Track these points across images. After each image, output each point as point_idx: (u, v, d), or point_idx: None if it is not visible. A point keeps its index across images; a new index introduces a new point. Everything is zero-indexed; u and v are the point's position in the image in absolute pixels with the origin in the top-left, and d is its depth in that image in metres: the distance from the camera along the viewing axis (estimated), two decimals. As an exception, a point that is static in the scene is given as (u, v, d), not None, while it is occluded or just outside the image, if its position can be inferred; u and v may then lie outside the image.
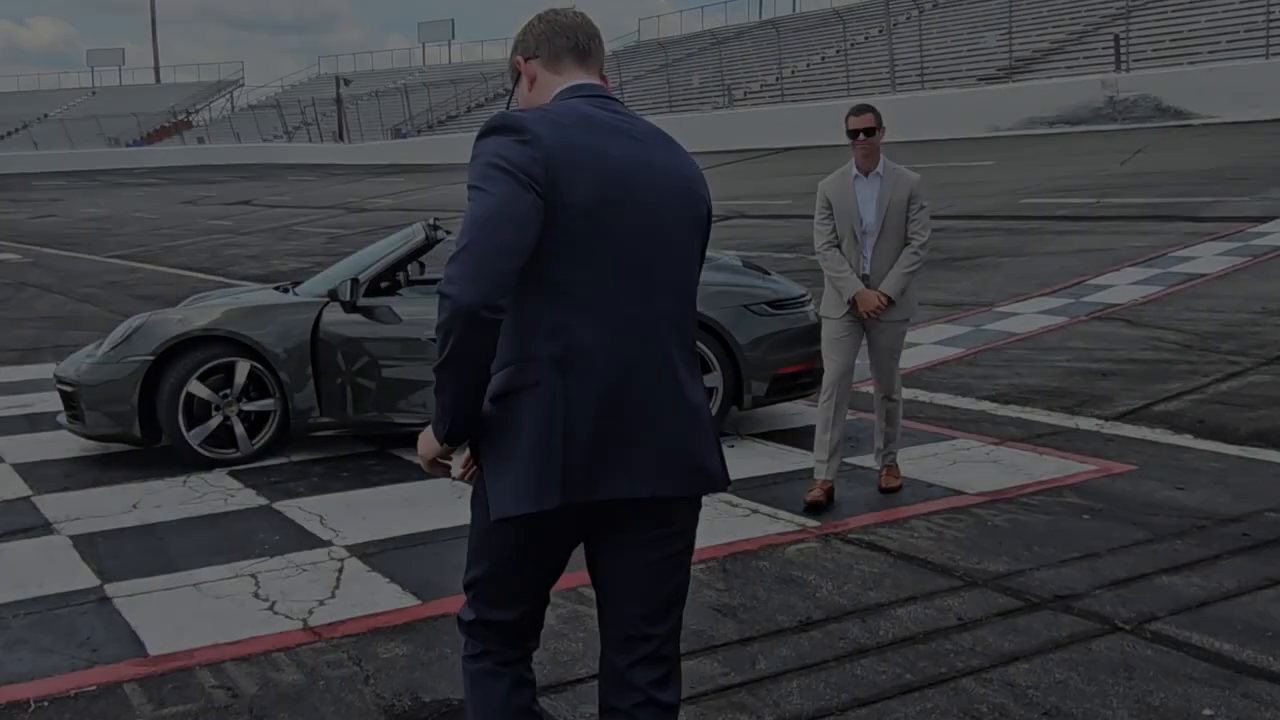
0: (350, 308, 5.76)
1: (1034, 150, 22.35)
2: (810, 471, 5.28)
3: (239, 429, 5.78)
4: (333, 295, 5.80)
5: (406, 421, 5.78)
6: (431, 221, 6.28)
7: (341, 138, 55.16)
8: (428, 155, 45.77)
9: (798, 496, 5.12)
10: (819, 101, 32.98)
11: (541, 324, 1.90)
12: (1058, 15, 32.32)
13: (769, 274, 6.60)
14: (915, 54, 31.53)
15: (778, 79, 37.59)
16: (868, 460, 5.60)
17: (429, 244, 6.13)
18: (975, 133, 25.96)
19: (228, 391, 5.75)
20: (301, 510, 5.03)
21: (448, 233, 6.53)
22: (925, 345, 8.59)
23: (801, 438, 6.26)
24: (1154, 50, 26.43)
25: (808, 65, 39.06)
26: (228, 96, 71.69)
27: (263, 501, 5.19)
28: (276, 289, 6.55)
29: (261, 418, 5.85)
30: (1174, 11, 28.75)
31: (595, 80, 2.06)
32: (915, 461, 5.69)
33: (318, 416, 5.84)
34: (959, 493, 5.18)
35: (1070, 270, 10.95)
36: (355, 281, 5.76)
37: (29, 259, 19.94)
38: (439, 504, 5.09)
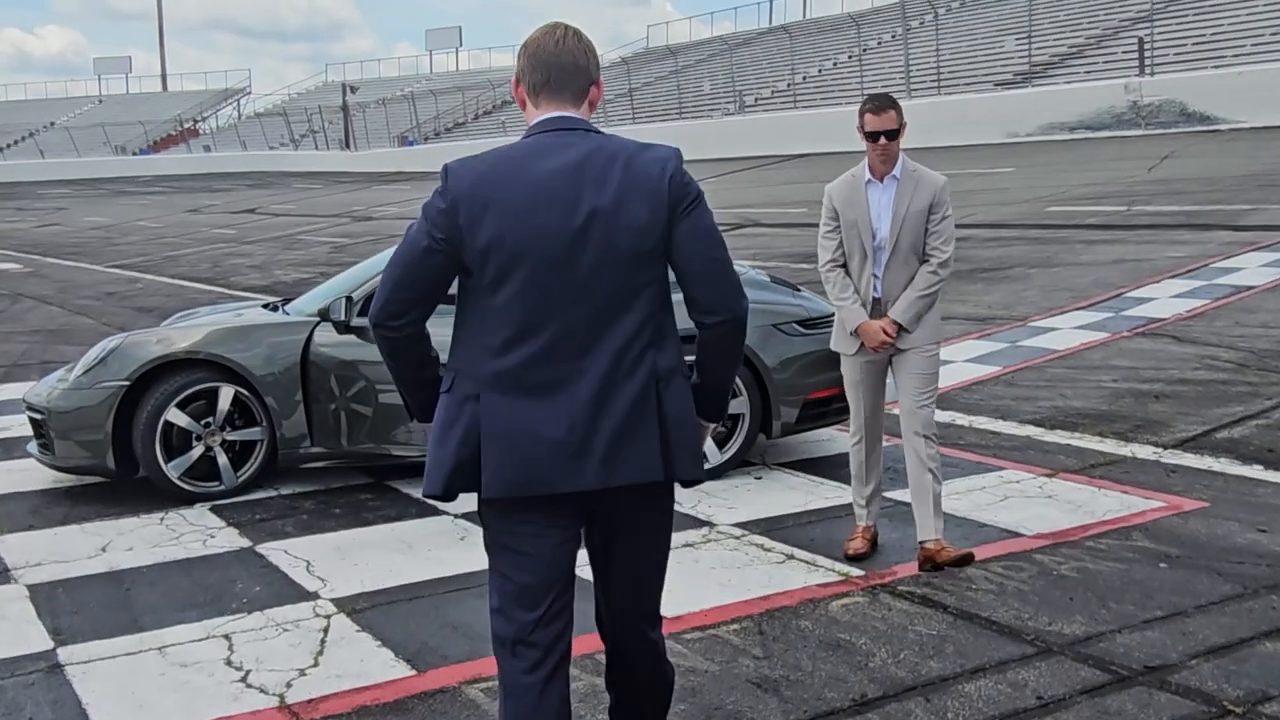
0: (344, 328, 5.26)
1: (1055, 156, 21.80)
2: (849, 508, 4.78)
3: (222, 460, 5.29)
4: (324, 315, 5.30)
5: (405, 454, 5.28)
6: (433, 233, 5.79)
7: (348, 145, 54.82)
8: (434, 163, 45.21)
9: (836, 538, 4.61)
10: (832, 107, 32.50)
11: (466, 342, 2.23)
12: (1076, 19, 31.77)
13: (798, 290, 6.10)
14: (931, 58, 31.02)
15: (789, 85, 37.11)
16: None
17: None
18: (994, 139, 25.42)
19: (210, 420, 5.26)
20: (287, 555, 4.54)
21: (451, 245, 6.06)
22: (959, 363, 8.08)
23: (836, 467, 5.75)
24: (1176, 54, 25.88)
25: (819, 71, 38.58)
26: (234, 104, 71.51)
27: (245, 543, 4.70)
28: (265, 307, 6.06)
29: (247, 448, 5.36)
30: (1196, 15, 28.19)
31: (565, 110, 2.25)
32: (962, 496, 5.18)
33: (309, 446, 5.34)
34: (1015, 534, 4.66)
35: (1106, 282, 10.43)
36: (349, 300, 5.26)
37: (29, 269, 19.56)
38: (438, 548, 4.60)
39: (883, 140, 4.10)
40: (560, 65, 2.25)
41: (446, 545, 4.63)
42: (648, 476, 2.21)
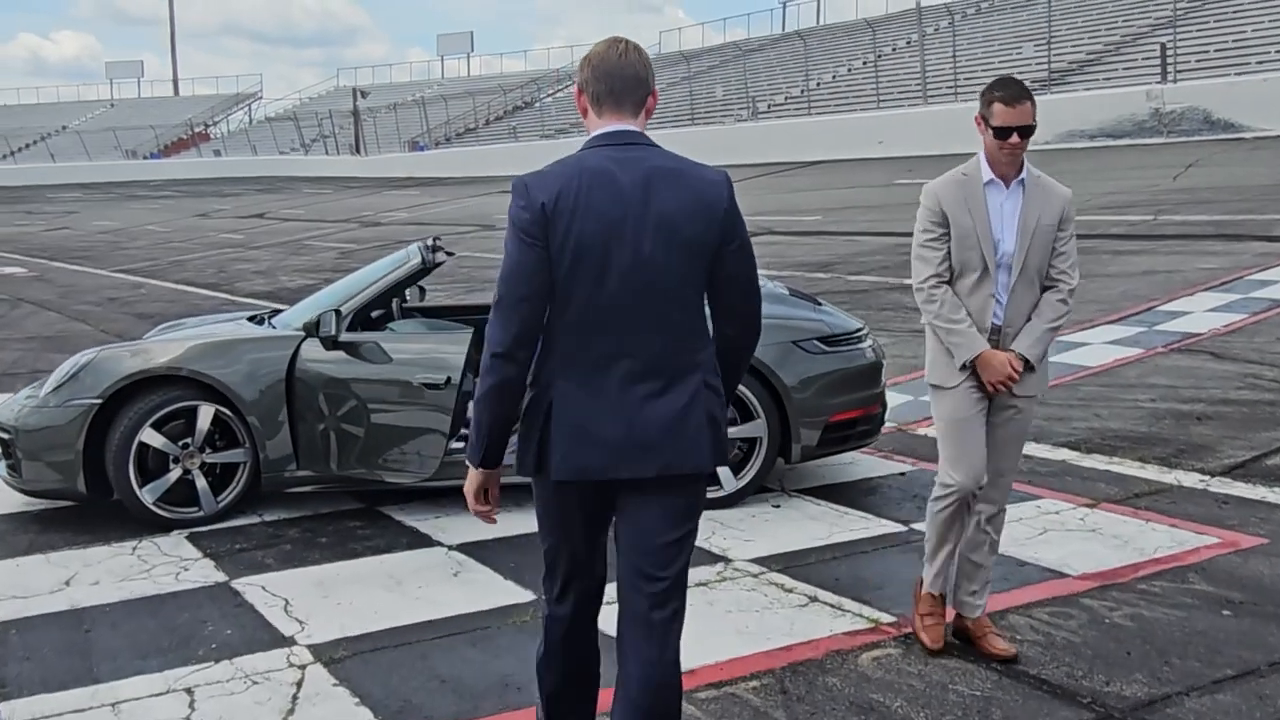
0: (332, 344, 4.89)
1: (1075, 164, 21.33)
2: (876, 542, 4.40)
3: (201, 484, 4.93)
4: (309, 330, 4.92)
5: (399, 480, 4.90)
6: (430, 242, 5.42)
7: (358, 150, 54.62)
8: (444, 168, 45.15)
9: (863, 577, 4.23)
10: (847, 114, 32.15)
11: (547, 341, 2.39)
12: (1095, 25, 31.32)
13: (820, 304, 5.71)
14: (948, 65, 30.61)
15: (803, 91, 36.74)
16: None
17: (425, 268, 5.26)
18: (1011, 146, 24.96)
19: (188, 440, 4.90)
20: (264, 591, 4.16)
21: (450, 253, 5.69)
22: (985, 379, 7.67)
23: (860, 494, 5.37)
24: (1198, 61, 25.42)
25: (834, 77, 38.20)
26: (245, 109, 71.43)
27: (220, 578, 4.33)
28: (251, 319, 5.69)
29: (229, 470, 5.00)
30: (1218, 20, 27.73)
31: (625, 123, 2.43)
32: (998, 529, 4.78)
33: (295, 470, 4.97)
34: (1059, 574, 4.27)
35: (1136, 294, 10.02)
36: (338, 314, 4.89)
37: (34, 273, 19.34)
38: (430, 585, 4.22)
39: (1015, 138, 3.32)
40: (623, 77, 2.43)
41: (438, 582, 4.25)
42: (696, 466, 2.41)
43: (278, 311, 5.74)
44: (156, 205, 39.88)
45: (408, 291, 5.93)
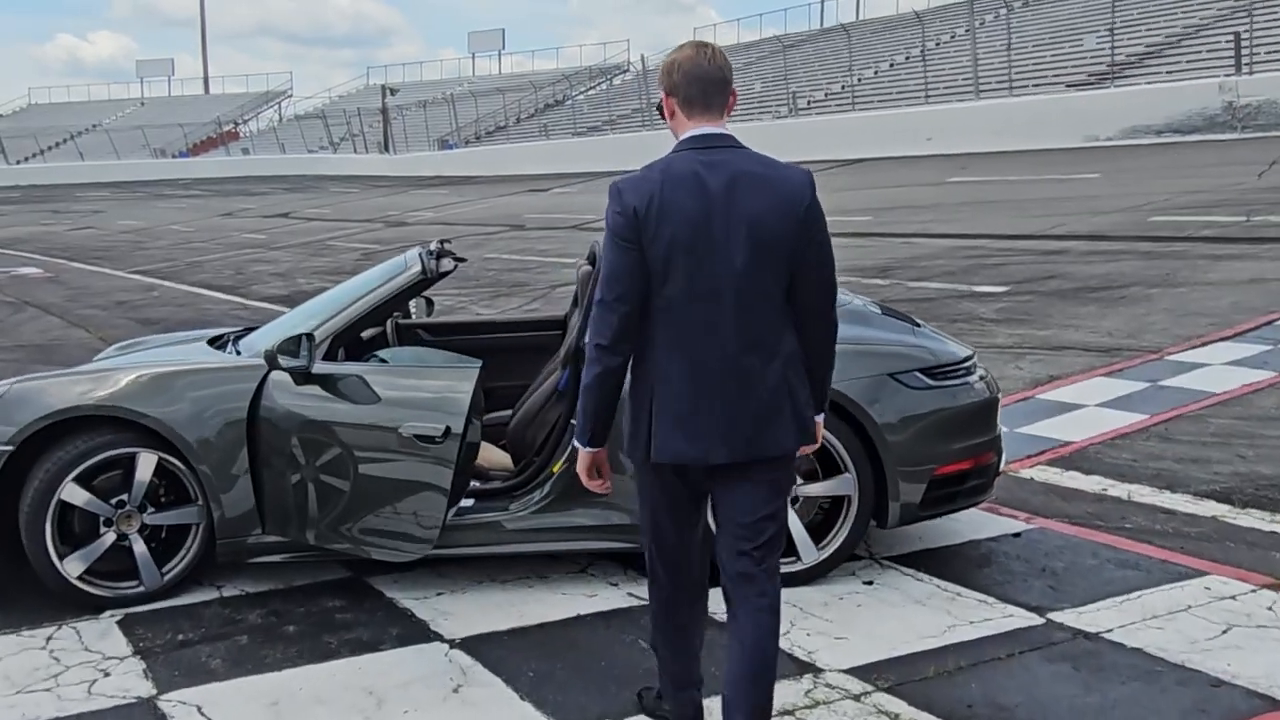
0: (303, 377, 3.82)
1: (1143, 162, 20.02)
2: (1006, 639, 3.30)
3: (140, 550, 3.89)
4: (271, 360, 3.82)
5: (390, 559, 3.82)
6: (434, 248, 4.34)
7: (387, 149, 53.87)
8: (473, 167, 44.27)
9: (1005, 703, 3.12)
10: (893, 109, 30.87)
11: (645, 333, 2.60)
12: (1154, 16, 29.83)
13: (919, 325, 4.58)
14: (1002, 57, 29.23)
15: (844, 86, 35.47)
16: (1109, 618, 3.58)
17: (427, 278, 4.19)
18: (1070, 142, 23.64)
19: (124, 498, 3.86)
20: (200, 717, 3.11)
21: (460, 259, 4.62)
22: (1091, 408, 6.52)
23: (970, 566, 4.26)
24: (1268, 53, 23.92)
25: (875, 72, 36.90)
26: (275, 108, 70.93)
27: (147, 690, 3.28)
28: (213, 342, 4.62)
29: (177, 534, 3.96)
30: (1287, 11, 26.19)
31: (714, 127, 2.64)
32: (1164, 623, 3.67)
33: (259, 534, 3.92)
34: (1274, 702, 3.13)
35: (1249, 306, 8.79)
36: (309, 339, 3.82)
37: (50, 274, 18.60)
38: (420, 708, 3.14)
39: None
40: (712, 80, 2.64)
41: (432, 702, 3.18)
42: (782, 450, 2.63)
43: (246, 332, 4.68)
44: (183, 204, 39.28)
45: (413, 304, 4.89)
